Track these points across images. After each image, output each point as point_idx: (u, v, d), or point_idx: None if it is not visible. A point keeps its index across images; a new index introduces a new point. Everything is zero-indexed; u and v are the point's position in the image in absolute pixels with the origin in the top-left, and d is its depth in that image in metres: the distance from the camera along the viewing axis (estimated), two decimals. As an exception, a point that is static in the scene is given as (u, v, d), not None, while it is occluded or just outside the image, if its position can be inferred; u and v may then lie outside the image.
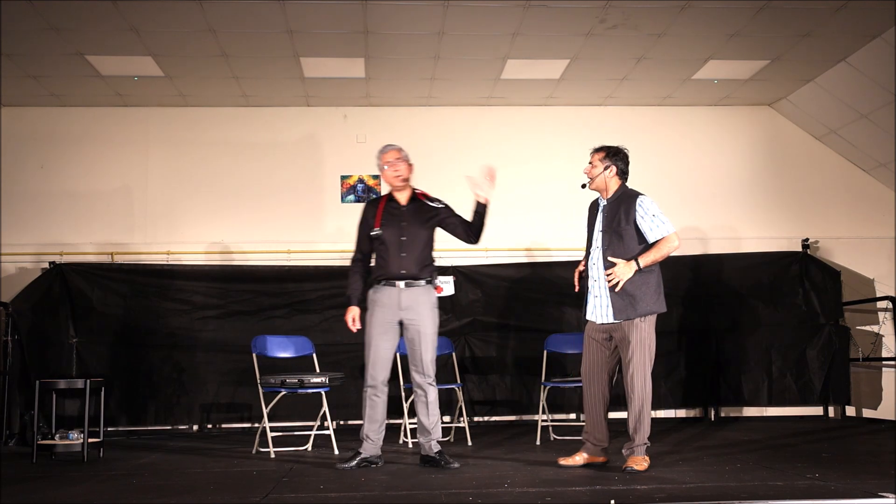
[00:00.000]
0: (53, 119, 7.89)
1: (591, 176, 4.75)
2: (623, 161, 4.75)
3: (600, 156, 4.74)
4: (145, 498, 3.82)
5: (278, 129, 8.03)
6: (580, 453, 4.70)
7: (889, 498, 3.47)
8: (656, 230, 4.56)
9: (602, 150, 4.76)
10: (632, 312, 4.51)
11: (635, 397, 4.51)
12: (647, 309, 4.53)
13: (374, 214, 4.91)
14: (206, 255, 7.71)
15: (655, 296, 4.57)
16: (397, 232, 4.80)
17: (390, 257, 4.77)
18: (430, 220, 4.90)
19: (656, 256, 4.54)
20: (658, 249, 4.54)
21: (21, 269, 7.55)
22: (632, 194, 4.67)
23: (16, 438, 6.52)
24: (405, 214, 4.87)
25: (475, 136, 8.08)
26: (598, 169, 4.72)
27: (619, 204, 4.65)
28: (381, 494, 3.83)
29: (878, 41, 6.57)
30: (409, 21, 6.25)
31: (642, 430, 4.51)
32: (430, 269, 4.86)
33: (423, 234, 4.85)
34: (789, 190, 8.21)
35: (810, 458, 4.91)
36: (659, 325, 7.55)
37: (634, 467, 4.41)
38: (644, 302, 4.52)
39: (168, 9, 5.94)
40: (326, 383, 5.58)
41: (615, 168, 4.72)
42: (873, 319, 7.77)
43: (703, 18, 6.24)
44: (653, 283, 4.56)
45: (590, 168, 4.77)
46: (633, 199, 4.63)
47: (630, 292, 4.51)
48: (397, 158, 4.93)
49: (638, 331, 4.52)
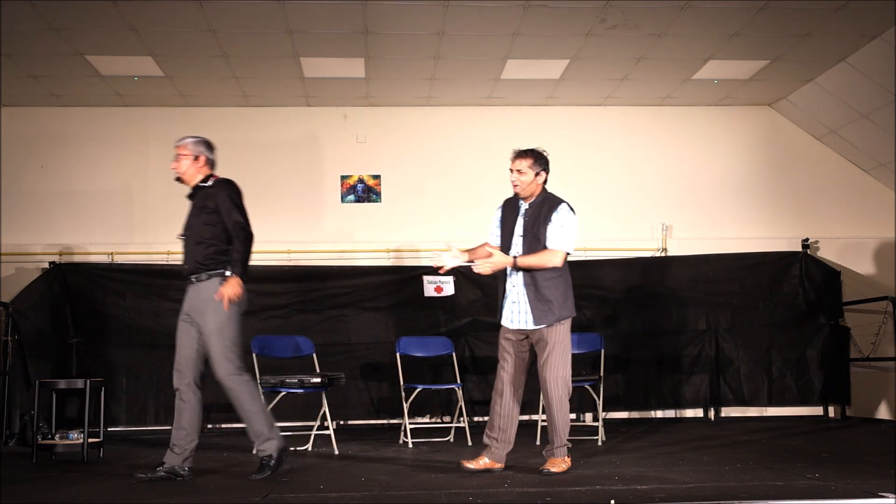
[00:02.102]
0: (53, 119, 7.89)
1: (523, 185, 4.56)
2: (548, 165, 4.64)
3: (529, 161, 4.57)
4: (145, 498, 3.82)
5: (278, 129, 8.03)
6: (482, 457, 4.56)
7: (889, 498, 3.47)
8: (552, 240, 4.49)
9: (530, 156, 4.59)
10: (551, 318, 4.48)
11: (552, 399, 4.47)
12: (563, 314, 4.52)
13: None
14: (206, 255, 7.69)
15: (567, 300, 4.55)
16: (185, 226, 4.52)
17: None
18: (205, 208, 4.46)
19: (533, 261, 4.46)
20: (539, 255, 4.48)
21: (21, 269, 7.55)
22: (555, 199, 4.58)
23: (16, 438, 6.52)
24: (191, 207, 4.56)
25: (475, 136, 8.09)
26: (529, 176, 4.56)
27: (540, 208, 4.56)
28: (381, 494, 3.83)
29: (878, 41, 6.57)
30: (409, 21, 6.25)
31: (560, 431, 4.47)
32: (211, 263, 4.38)
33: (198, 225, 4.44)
34: (789, 190, 8.21)
35: (810, 458, 4.91)
36: (659, 324, 7.65)
37: (552, 469, 4.38)
38: (559, 307, 4.49)
39: (168, 9, 5.94)
40: (326, 383, 5.58)
41: (545, 174, 4.61)
42: (873, 319, 7.77)
43: (703, 18, 6.24)
44: (562, 288, 4.53)
45: (518, 176, 4.57)
46: (555, 205, 4.55)
47: (547, 297, 4.48)
48: (178, 154, 4.54)
49: (556, 333, 4.49)
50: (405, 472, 4.62)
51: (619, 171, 8.15)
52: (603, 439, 5.95)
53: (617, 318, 7.65)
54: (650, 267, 7.82)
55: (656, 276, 7.75)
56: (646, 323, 7.65)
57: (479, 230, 7.68)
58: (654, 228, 8.08)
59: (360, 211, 7.99)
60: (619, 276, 7.71)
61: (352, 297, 7.49)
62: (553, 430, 4.50)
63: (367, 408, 7.34)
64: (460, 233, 7.90)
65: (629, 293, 7.68)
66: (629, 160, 8.18)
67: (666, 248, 8.04)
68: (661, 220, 8.07)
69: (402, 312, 7.49)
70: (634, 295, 7.67)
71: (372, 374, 7.30)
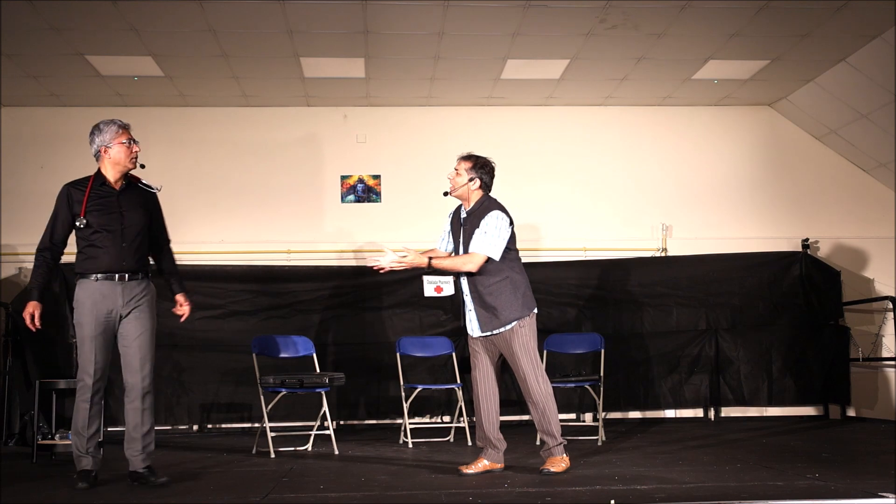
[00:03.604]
0: (53, 119, 7.89)
1: (455, 184, 4.66)
2: (488, 174, 4.66)
3: (467, 165, 4.64)
4: (145, 498, 3.82)
5: (278, 129, 8.03)
6: (481, 459, 4.58)
7: (889, 498, 3.48)
8: (475, 244, 4.47)
9: (469, 160, 4.66)
10: (497, 323, 4.47)
11: (535, 401, 4.47)
12: (511, 316, 4.46)
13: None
14: (206, 255, 7.70)
15: (514, 302, 4.48)
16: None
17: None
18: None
19: (447, 265, 4.48)
20: (455, 258, 4.52)
21: (21, 269, 7.55)
22: (490, 206, 4.58)
23: (16, 438, 6.53)
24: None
25: (475, 136, 8.06)
26: (463, 178, 4.62)
27: (478, 216, 4.57)
28: (381, 494, 3.83)
29: (878, 41, 6.57)
30: (409, 21, 6.25)
31: (551, 430, 4.47)
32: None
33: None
34: (789, 190, 8.21)
35: (810, 458, 4.91)
36: (659, 324, 7.65)
37: (552, 469, 4.38)
38: (506, 311, 4.46)
39: (168, 9, 5.94)
40: (326, 383, 5.58)
41: (479, 181, 4.63)
42: (873, 319, 7.77)
43: (703, 18, 6.24)
44: (507, 292, 4.48)
45: (454, 175, 4.66)
46: (487, 210, 4.55)
47: (490, 304, 4.46)
48: (130, 139, 4.39)
49: (518, 336, 4.47)
50: (405, 472, 4.63)
51: (619, 171, 8.15)
52: (603, 439, 5.95)
53: (617, 318, 7.65)
54: (650, 267, 7.82)
55: (656, 276, 7.75)
56: (646, 323, 7.65)
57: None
58: (654, 228, 8.08)
59: (360, 211, 7.99)
60: (619, 276, 7.71)
61: (352, 297, 7.49)
62: (545, 431, 4.49)
63: (367, 408, 7.34)
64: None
65: (629, 293, 7.68)
66: (629, 160, 8.18)
67: (666, 247, 8.04)
68: (661, 220, 8.07)
69: (402, 312, 7.49)
70: (634, 295, 7.67)
71: (372, 374, 7.30)
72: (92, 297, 4.27)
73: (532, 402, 4.48)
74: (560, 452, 4.48)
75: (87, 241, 4.31)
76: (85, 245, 4.32)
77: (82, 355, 4.28)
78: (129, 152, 4.35)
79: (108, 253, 4.28)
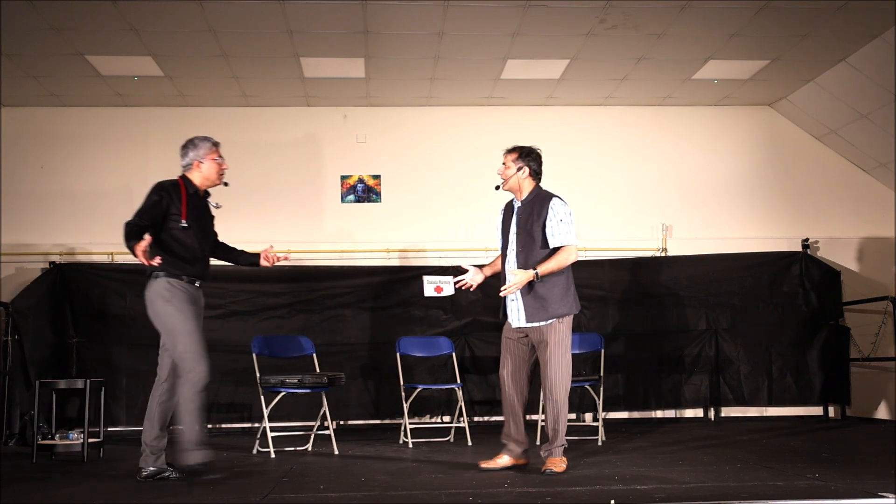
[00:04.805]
0: (53, 119, 7.89)
1: (505, 177, 4.68)
2: (536, 161, 4.68)
3: (513, 156, 4.67)
4: (145, 498, 3.82)
5: (278, 129, 8.03)
6: (501, 456, 4.61)
7: (889, 498, 3.47)
8: (557, 237, 4.51)
9: (515, 151, 4.69)
10: (544, 315, 4.47)
11: (553, 399, 4.48)
12: (559, 311, 4.49)
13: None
14: (206, 255, 7.69)
15: (566, 297, 4.52)
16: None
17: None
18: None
19: (554, 266, 4.48)
20: (556, 258, 4.50)
21: (21, 269, 7.55)
22: (546, 195, 4.61)
23: (16, 438, 6.53)
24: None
25: (475, 136, 8.08)
26: (512, 170, 4.65)
27: (532, 205, 4.59)
28: (381, 494, 3.83)
29: (878, 41, 6.57)
30: (409, 21, 6.25)
31: (560, 431, 4.48)
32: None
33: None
34: (789, 190, 8.21)
35: (810, 458, 4.91)
36: (659, 324, 7.66)
37: (553, 469, 4.39)
38: (555, 304, 4.48)
39: (168, 9, 5.94)
40: (326, 383, 5.58)
41: (528, 169, 4.64)
42: (873, 319, 7.77)
43: (703, 18, 6.24)
44: (561, 285, 4.51)
45: (503, 169, 4.69)
46: (547, 200, 4.57)
47: (541, 295, 4.47)
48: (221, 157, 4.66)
49: (556, 332, 4.48)
50: (405, 472, 4.62)
51: (618, 171, 8.15)
52: (603, 439, 5.95)
53: (617, 318, 7.65)
54: (650, 267, 7.82)
55: (656, 276, 7.75)
56: (646, 323, 7.65)
57: (479, 230, 7.73)
58: (654, 228, 8.08)
59: (360, 211, 7.99)
60: (619, 276, 7.71)
61: (352, 297, 7.49)
62: (554, 430, 4.50)
63: (367, 408, 7.34)
64: (460, 232, 7.93)
65: (629, 293, 7.68)
66: (629, 160, 8.18)
67: (666, 247, 8.04)
68: (661, 220, 8.07)
69: (402, 312, 7.49)
70: (634, 295, 7.67)
71: (372, 374, 7.30)
72: (191, 295, 4.47)
73: (552, 399, 4.49)
74: (560, 454, 4.49)
75: (179, 242, 4.41)
76: (176, 246, 4.40)
77: (190, 348, 4.46)
78: (220, 169, 4.62)
79: (197, 258, 4.48)
